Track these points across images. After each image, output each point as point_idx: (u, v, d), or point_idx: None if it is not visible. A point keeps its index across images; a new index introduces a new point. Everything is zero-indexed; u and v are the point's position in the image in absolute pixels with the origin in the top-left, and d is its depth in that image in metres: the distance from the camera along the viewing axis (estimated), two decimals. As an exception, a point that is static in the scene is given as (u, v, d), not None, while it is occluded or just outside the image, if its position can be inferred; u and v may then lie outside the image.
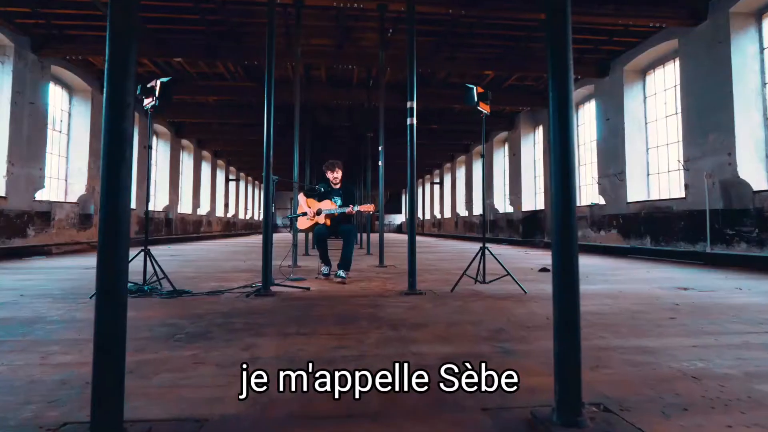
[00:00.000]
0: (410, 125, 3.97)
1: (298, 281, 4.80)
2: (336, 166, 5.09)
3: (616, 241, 9.75)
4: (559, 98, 1.34)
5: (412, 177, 4.06)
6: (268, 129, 3.80)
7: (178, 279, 4.87)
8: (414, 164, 4.04)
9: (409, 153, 4.00)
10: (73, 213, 10.18)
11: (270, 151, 3.83)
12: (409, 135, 3.98)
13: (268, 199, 3.92)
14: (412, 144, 3.98)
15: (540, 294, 3.96)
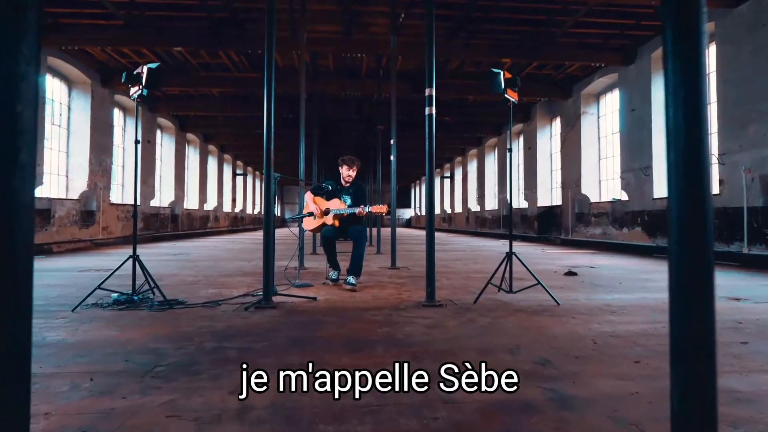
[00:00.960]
0: (429, 115, 3.52)
1: (303, 288, 4.40)
2: (354, 163, 4.65)
3: (640, 239, 9.22)
4: (684, 38, 0.83)
5: (431, 172, 3.61)
6: (269, 121, 3.38)
7: (175, 284, 4.50)
8: (433, 158, 3.59)
9: (428, 146, 3.56)
10: (75, 210, 9.89)
11: (270, 145, 3.41)
12: (428, 126, 3.53)
13: (269, 199, 3.50)
14: (431, 136, 3.53)
15: (575, 306, 3.50)
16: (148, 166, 13.68)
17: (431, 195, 3.71)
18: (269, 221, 3.48)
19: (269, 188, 3.53)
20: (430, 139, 3.53)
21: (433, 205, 3.71)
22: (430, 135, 3.53)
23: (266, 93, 3.38)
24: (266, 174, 3.48)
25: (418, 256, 8.17)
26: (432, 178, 3.66)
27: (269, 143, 3.43)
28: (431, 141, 3.53)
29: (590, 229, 11.17)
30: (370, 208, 4.35)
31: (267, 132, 3.40)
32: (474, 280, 4.96)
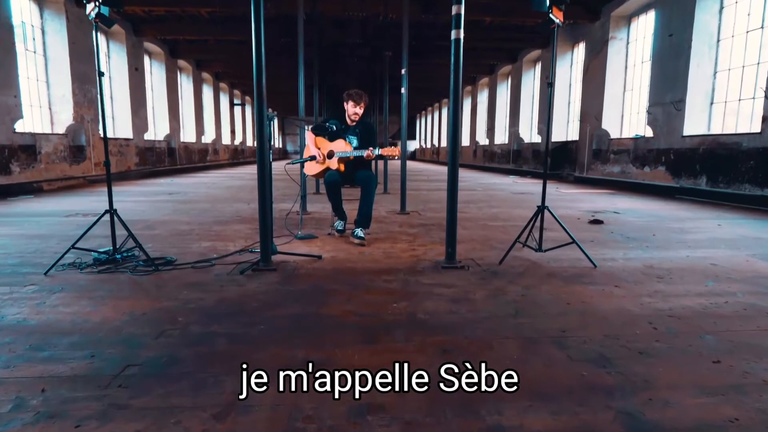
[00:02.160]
0: (455, 40, 2.87)
1: (307, 241, 3.99)
2: (362, 99, 4.02)
3: (663, 179, 8.66)
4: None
5: (455, 105, 2.98)
6: (258, 46, 2.74)
7: (167, 234, 4.09)
8: (459, 88, 2.96)
9: (453, 78, 2.94)
10: (63, 145, 9.31)
11: (262, 77, 2.81)
12: (454, 55, 2.89)
13: (263, 143, 2.96)
14: (456, 67, 2.90)
15: (614, 270, 3.09)
16: (139, 97, 12.82)
17: (455, 136, 3.10)
18: (264, 171, 2.97)
19: (262, 131, 2.98)
20: (456, 68, 2.91)
21: (457, 150, 3.14)
22: (456, 65, 2.90)
23: (254, 9, 2.72)
24: (258, 111, 2.92)
25: (428, 197, 7.71)
26: (457, 112, 3.02)
27: (260, 74, 2.83)
28: (457, 72, 2.91)
29: (608, 166, 10.57)
30: (380, 150, 3.81)
31: (257, 60, 2.78)
32: (493, 230, 4.54)
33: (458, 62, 2.90)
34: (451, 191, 3.08)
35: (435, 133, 30.33)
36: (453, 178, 3.09)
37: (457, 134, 3.07)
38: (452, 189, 3.08)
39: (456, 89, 2.95)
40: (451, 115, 3.04)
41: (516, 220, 5.24)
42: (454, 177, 3.08)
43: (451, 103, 2.99)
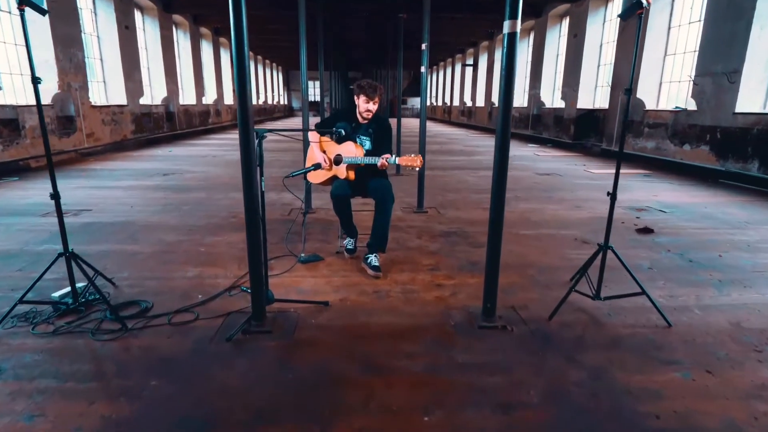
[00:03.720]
0: (509, 34, 2.12)
1: (311, 264, 3.39)
2: (376, 92, 3.26)
3: (705, 160, 7.83)
4: None
5: (506, 110, 2.24)
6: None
7: (149, 253, 3.45)
8: (511, 89, 2.22)
9: (505, 76, 2.21)
10: (49, 117, 8.60)
11: (242, 29, 2.09)
12: (507, 48, 2.15)
13: (248, 144, 2.27)
14: (510, 63, 2.17)
15: (693, 330, 2.46)
16: (131, 58, 11.88)
17: (507, 112, 2.28)
18: (253, 205, 2.30)
19: (247, 121, 2.29)
20: (509, 69, 2.17)
21: (505, 169, 2.41)
22: (510, 64, 2.18)
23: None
24: (239, 89, 2.20)
25: (445, 181, 6.99)
26: (507, 127, 2.27)
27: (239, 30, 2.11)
28: (510, 71, 2.18)
29: (640, 141, 9.67)
30: (399, 159, 3.12)
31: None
32: (528, 246, 3.89)
33: (512, 60, 2.16)
34: (495, 226, 2.41)
35: (447, 91, 28.85)
36: (497, 208, 2.41)
37: (506, 149, 2.36)
38: (496, 224, 2.41)
39: (508, 89, 2.21)
40: (500, 125, 2.32)
41: (552, 225, 4.57)
42: (499, 205, 2.40)
43: (501, 112, 2.27)
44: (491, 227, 2.42)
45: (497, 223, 2.39)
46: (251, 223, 2.26)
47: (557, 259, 3.61)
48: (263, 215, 2.45)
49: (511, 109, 2.22)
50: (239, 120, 2.15)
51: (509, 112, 2.21)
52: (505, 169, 2.32)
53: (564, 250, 3.83)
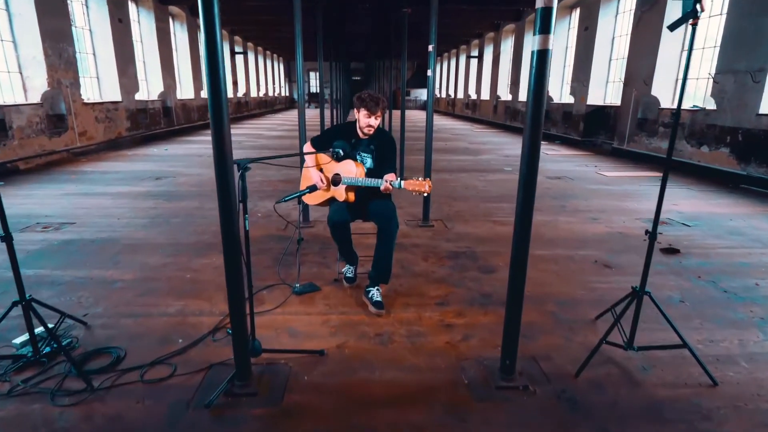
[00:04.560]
0: (539, 51, 1.78)
1: (307, 296, 3.08)
2: (378, 106, 2.90)
3: (725, 163, 7.44)
4: None
5: (535, 134, 1.93)
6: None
7: (129, 280, 3.08)
8: (542, 107, 1.90)
9: (534, 90, 1.88)
10: (38, 116, 8.26)
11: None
12: (537, 65, 1.81)
13: (228, 187, 1.96)
14: (540, 79, 1.83)
15: (742, 391, 2.14)
16: (125, 53, 11.49)
17: (534, 148, 2.05)
18: (230, 224, 1.96)
19: (223, 148, 1.98)
20: (538, 85, 1.84)
21: (533, 190, 2.09)
22: (540, 79, 1.83)
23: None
24: (213, 112, 1.88)
25: (452, 186, 6.63)
26: (536, 144, 1.96)
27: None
28: (540, 87, 1.84)
29: (654, 140, 9.26)
30: (403, 183, 2.77)
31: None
32: (544, 270, 3.55)
33: (542, 80, 1.81)
34: (516, 282, 2.08)
35: (451, 83, 28.30)
36: (519, 264, 2.08)
37: (532, 186, 2.03)
38: (517, 281, 2.08)
39: (537, 113, 1.88)
40: (526, 157, 1.99)
41: (568, 243, 4.23)
42: (522, 261, 2.07)
43: (528, 130, 1.94)
44: (512, 282, 2.09)
45: (518, 279, 2.06)
46: (232, 274, 1.93)
47: (578, 288, 3.28)
48: (248, 258, 2.13)
49: (539, 140, 1.87)
50: (214, 147, 1.81)
51: (537, 148, 1.87)
52: (531, 214, 1.97)
53: (584, 276, 3.49)
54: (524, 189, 1.95)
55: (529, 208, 1.97)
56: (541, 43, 1.72)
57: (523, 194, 1.95)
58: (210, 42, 1.63)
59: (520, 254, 2.03)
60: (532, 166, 1.91)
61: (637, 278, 3.43)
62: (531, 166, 1.90)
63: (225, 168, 1.82)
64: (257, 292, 3.11)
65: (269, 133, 14.98)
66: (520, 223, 1.99)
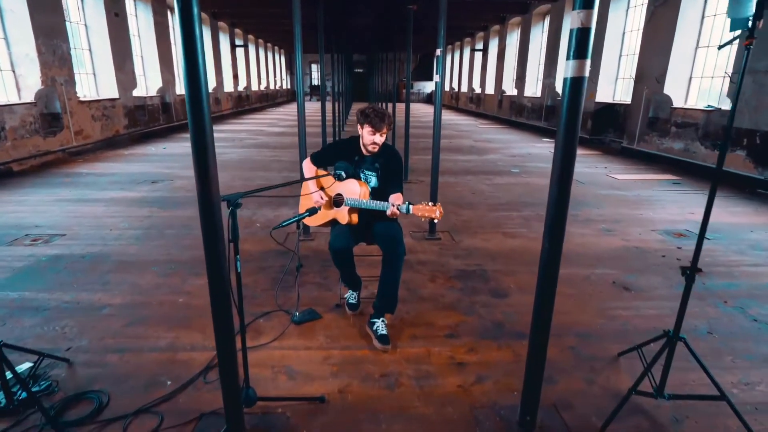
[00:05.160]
0: (573, 79, 1.54)
1: (306, 326, 2.87)
2: (383, 122, 2.66)
3: (741, 166, 7.17)
4: None
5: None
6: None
7: (117, 307, 2.83)
8: (574, 147, 1.69)
9: (565, 121, 1.63)
10: (32, 116, 8.03)
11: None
12: (570, 94, 1.58)
13: (214, 227, 1.74)
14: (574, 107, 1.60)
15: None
16: (122, 48, 11.22)
17: (575, 110, 1.84)
18: (219, 268, 1.75)
19: (207, 182, 1.77)
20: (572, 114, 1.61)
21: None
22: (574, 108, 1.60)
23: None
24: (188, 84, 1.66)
25: (457, 190, 6.38)
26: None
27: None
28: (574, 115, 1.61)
29: (666, 141, 8.98)
30: (412, 207, 2.55)
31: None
32: (559, 289, 3.32)
33: (576, 112, 1.58)
34: (539, 336, 1.86)
35: (455, 77, 27.88)
36: (543, 318, 1.86)
37: (559, 240, 1.80)
38: (540, 334, 1.86)
39: (570, 141, 1.65)
40: (554, 200, 1.76)
41: (582, 259, 4.00)
42: (550, 274, 1.85)
43: (556, 188, 1.70)
44: (534, 338, 1.86)
45: (541, 338, 1.83)
46: (221, 328, 1.72)
47: (597, 315, 3.07)
48: (240, 303, 1.92)
49: (570, 179, 1.64)
50: (198, 182, 1.58)
51: (567, 189, 1.64)
52: (556, 277, 1.75)
53: (603, 301, 3.27)
54: (550, 241, 1.71)
55: (553, 277, 1.74)
56: (577, 69, 1.49)
57: (549, 247, 1.72)
58: (188, 44, 1.40)
59: (543, 316, 1.79)
60: (560, 210, 1.67)
61: (659, 304, 3.22)
62: (559, 207, 1.67)
63: (211, 207, 1.60)
64: (254, 320, 2.92)
65: (270, 129, 14.72)
66: (544, 276, 1.75)
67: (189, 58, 1.34)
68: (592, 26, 1.44)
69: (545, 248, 1.74)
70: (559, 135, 1.58)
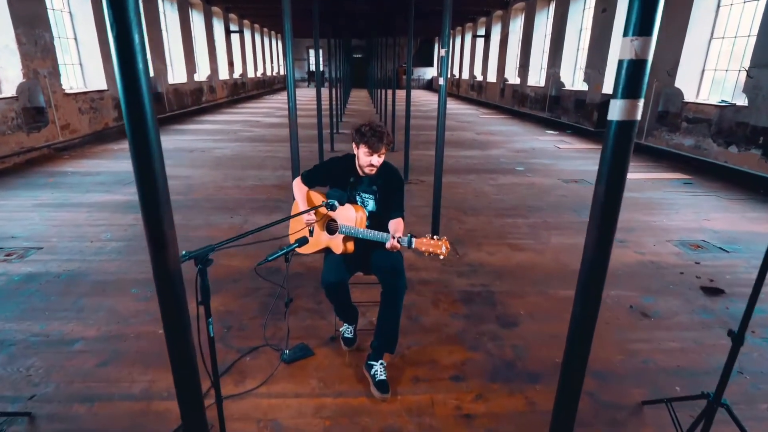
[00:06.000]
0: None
1: (297, 365, 2.61)
2: (382, 142, 2.36)
3: (755, 166, 6.86)
4: None
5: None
6: None
7: (91, 339, 2.53)
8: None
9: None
10: (14, 111, 7.66)
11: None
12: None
13: (174, 294, 1.47)
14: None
15: None
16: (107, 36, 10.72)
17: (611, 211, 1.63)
18: (182, 343, 1.49)
19: (160, 231, 1.48)
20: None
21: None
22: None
23: None
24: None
25: (460, 191, 6.08)
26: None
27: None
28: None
29: (677, 137, 8.65)
30: (415, 241, 2.26)
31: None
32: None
33: (623, 163, 1.28)
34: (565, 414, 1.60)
35: (456, 63, 27.27)
36: (595, 278, 1.59)
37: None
38: (566, 413, 1.59)
39: (612, 206, 1.39)
40: (591, 256, 1.51)
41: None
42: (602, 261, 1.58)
43: (595, 243, 1.41)
44: (560, 409, 1.59)
45: (568, 412, 1.56)
46: (188, 412, 1.44)
47: (616, 350, 2.80)
48: (216, 377, 1.64)
49: (609, 252, 1.35)
50: (148, 241, 1.29)
51: (605, 261, 1.35)
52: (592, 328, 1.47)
53: (622, 331, 3.01)
54: (581, 308, 1.43)
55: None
56: (627, 111, 1.18)
57: (580, 318, 1.43)
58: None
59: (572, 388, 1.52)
60: (596, 276, 1.38)
61: (681, 335, 2.98)
62: (594, 274, 1.38)
63: (169, 279, 1.31)
64: (239, 358, 2.65)
65: (266, 120, 14.31)
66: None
67: (121, 39, 1.03)
68: (648, 58, 1.14)
69: (576, 316, 1.46)
70: (599, 193, 1.28)
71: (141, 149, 1.10)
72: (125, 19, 0.99)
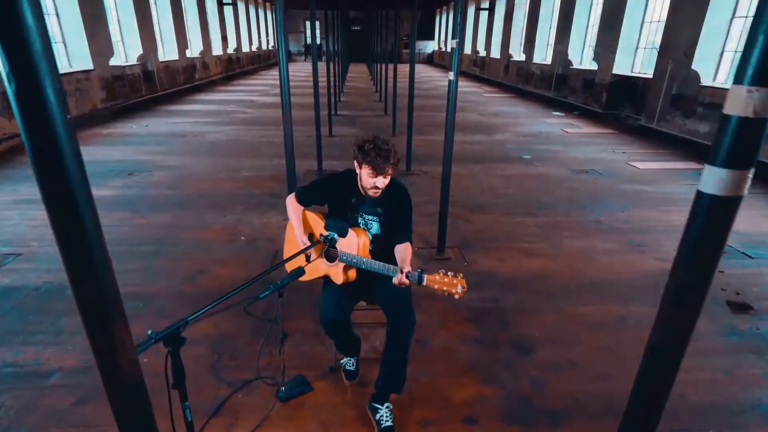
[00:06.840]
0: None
1: (296, 403, 2.37)
2: (388, 162, 2.05)
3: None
4: None
5: None
6: None
7: (66, 372, 2.28)
8: None
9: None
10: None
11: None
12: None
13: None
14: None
15: None
16: (94, 11, 10.17)
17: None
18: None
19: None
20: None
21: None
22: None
23: None
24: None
25: (465, 185, 5.76)
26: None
27: None
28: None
29: (691, 122, 8.27)
30: (426, 277, 1.99)
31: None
32: (586, 340, 2.83)
33: (717, 251, 0.99)
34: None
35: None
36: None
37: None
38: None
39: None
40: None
41: (612, 290, 3.48)
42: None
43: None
44: None
45: None
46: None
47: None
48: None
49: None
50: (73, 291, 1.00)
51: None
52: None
53: (646, 359, 2.77)
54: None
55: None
56: (731, 185, 0.88)
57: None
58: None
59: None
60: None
61: (710, 362, 2.76)
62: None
63: (117, 382, 1.03)
64: (231, 395, 2.42)
65: (261, 99, 13.81)
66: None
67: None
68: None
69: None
70: (679, 278, 1.00)
71: (50, 187, 0.73)
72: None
